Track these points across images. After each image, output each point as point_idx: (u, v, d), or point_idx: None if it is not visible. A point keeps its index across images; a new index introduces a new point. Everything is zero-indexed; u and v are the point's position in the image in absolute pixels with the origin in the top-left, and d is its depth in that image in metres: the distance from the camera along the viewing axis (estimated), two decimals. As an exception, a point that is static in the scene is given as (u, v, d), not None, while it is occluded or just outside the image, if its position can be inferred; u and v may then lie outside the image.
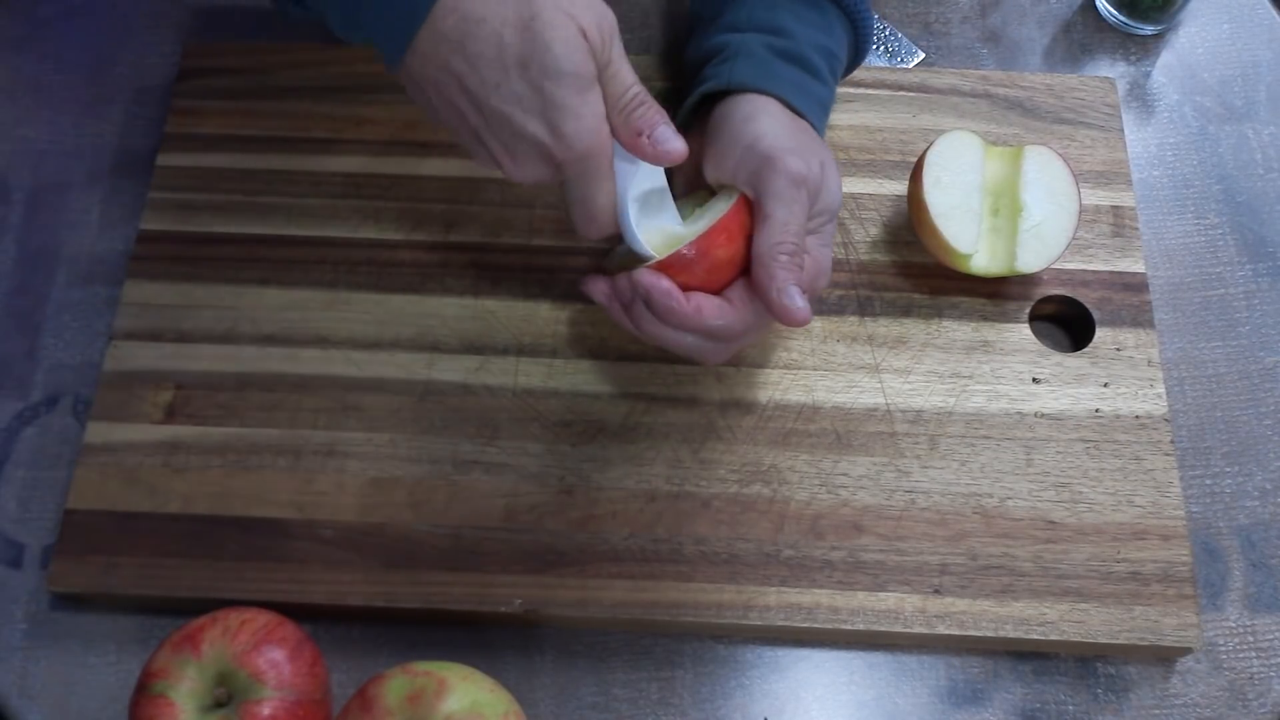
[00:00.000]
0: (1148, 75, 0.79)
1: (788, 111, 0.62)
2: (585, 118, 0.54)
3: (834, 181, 0.60)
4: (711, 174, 0.61)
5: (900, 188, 0.72)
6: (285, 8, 0.61)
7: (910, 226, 0.69)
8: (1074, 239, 0.67)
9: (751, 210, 0.59)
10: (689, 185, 0.64)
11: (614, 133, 0.56)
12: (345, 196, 0.71)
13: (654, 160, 0.57)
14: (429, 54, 0.54)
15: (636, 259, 0.59)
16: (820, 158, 0.60)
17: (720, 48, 0.64)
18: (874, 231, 0.71)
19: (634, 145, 0.56)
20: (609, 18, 0.54)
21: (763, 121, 0.60)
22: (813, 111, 0.63)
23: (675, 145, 0.56)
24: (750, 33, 0.64)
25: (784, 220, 0.57)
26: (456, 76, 0.53)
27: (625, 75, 0.55)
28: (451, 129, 0.57)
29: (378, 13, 0.54)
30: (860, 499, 0.63)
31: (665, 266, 0.57)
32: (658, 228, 0.60)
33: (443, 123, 0.57)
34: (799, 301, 0.56)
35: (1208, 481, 0.66)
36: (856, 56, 0.69)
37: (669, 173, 0.60)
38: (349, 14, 0.56)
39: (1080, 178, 0.69)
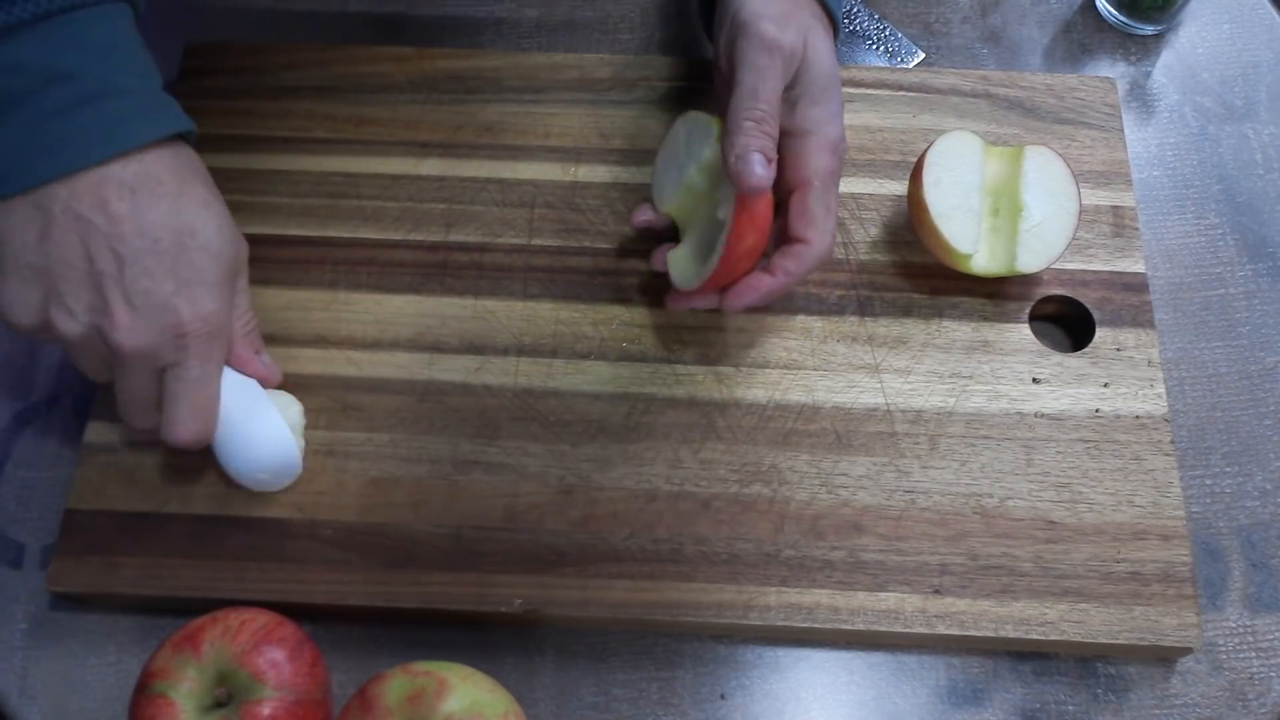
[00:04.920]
0: (1148, 75, 0.79)
1: None
2: (224, 302, 0.56)
3: (821, 50, 0.60)
4: (713, 52, 0.61)
5: (900, 188, 0.72)
6: None
7: (910, 226, 0.69)
8: (1074, 239, 0.67)
9: (748, 206, 0.60)
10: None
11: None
12: (345, 196, 0.71)
13: (263, 377, 0.61)
14: (88, 189, 0.51)
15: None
16: (804, 27, 0.60)
17: None
18: (874, 231, 0.71)
19: (248, 360, 0.60)
20: (245, 248, 0.59)
21: None
22: None
23: (276, 371, 0.62)
24: None
25: (753, 87, 0.58)
26: (113, 218, 0.51)
27: (247, 299, 0.61)
28: (38, 274, 0.52)
29: (73, 125, 0.50)
30: (860, 499, 0.63)
31: (703, 286, 0.63)
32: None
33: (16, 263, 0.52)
34: (756, 169, 0.58)
35: (1208, 481, 0.66)
36: None
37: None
38: (41, 114, 0.50)
39: (1080, 178, 0.69)
